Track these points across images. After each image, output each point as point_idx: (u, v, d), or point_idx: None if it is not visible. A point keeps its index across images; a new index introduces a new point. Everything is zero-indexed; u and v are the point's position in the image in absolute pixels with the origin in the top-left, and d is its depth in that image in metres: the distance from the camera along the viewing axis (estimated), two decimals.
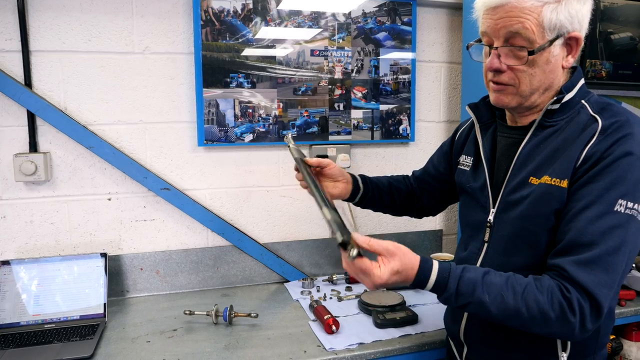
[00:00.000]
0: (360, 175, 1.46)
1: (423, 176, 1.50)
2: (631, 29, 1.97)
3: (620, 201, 0.94)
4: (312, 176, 1.30)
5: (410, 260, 1.01)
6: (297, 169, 1.36)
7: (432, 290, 1.02)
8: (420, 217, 1.57)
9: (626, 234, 0.94)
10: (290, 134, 1.45)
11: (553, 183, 1.01)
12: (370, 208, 1.51)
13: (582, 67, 1.96)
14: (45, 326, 1.54)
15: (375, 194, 1.46)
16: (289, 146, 1.40)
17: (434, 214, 1.57)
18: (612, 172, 0.95)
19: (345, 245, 0.97)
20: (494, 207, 1.14)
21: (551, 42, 1.00)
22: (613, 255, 0.93)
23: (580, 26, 1.03)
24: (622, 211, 0.94)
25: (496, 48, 1.03)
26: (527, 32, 0.99)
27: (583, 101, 1.07)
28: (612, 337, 1.85)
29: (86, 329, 1.51)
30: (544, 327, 0.96)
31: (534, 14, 0.98)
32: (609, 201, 0.94)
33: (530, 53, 1.00)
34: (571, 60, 1.06)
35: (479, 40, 1.09)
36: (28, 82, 1.67)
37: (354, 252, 0.97)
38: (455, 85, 2.18)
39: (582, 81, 1.10)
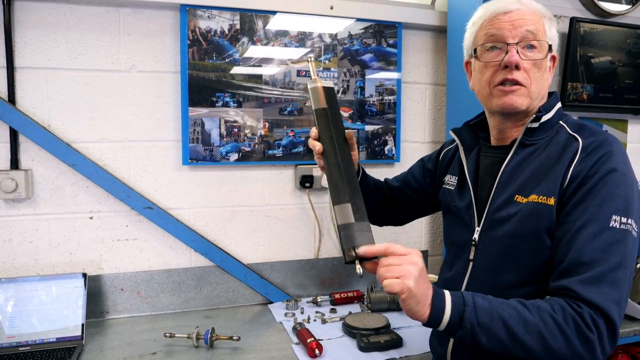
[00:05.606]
0: (360, 166, 1.39)
1: (402, 187, 1.48)
2: (611, 53, 2.02)
3: (614, 217, 0.95)
4: (334, 144, 1.10)
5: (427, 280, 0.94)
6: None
7: (451, 312, 0.92)
8: (381, 225, 1.54)
9: (625, 249, 0.95)
10: (313, 58, 1.16)
11: (540, 201, 1.02)
12: None
13: (563, 90, 2.00)
14: (20, 349, 1.50)
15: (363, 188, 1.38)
16: (310, 74, 1.10)
17: (395, 225, 1.55)
18: (601, 189, 0.97)
19: (352, 262, 0.93)
20: (478, 226, 1.15)
21: (550, 48, 1.09)
22: (616, 271, 0.93)
23: (555, 50, 1.13)
24: (618, 227, 0.95)
25: (516, 43, 1.06)
26: (540, 33, 1.07)
27: (561, 122, 1.12)
28: None
29: (62, 352, 1.47)
30: (567, 347, 0.90)
31: (541, 20, 1.09)
32: (604, 218, 0.96)
33: (549, 48, 1.08)
34: (550, 79, 1.12)
35: (484, 47, 1.10)
36: (12, 98, 1.66)
37: (359, 270, 0.92)
38: (440, 107, 2.20)
39: (559, 104, 1.15)
